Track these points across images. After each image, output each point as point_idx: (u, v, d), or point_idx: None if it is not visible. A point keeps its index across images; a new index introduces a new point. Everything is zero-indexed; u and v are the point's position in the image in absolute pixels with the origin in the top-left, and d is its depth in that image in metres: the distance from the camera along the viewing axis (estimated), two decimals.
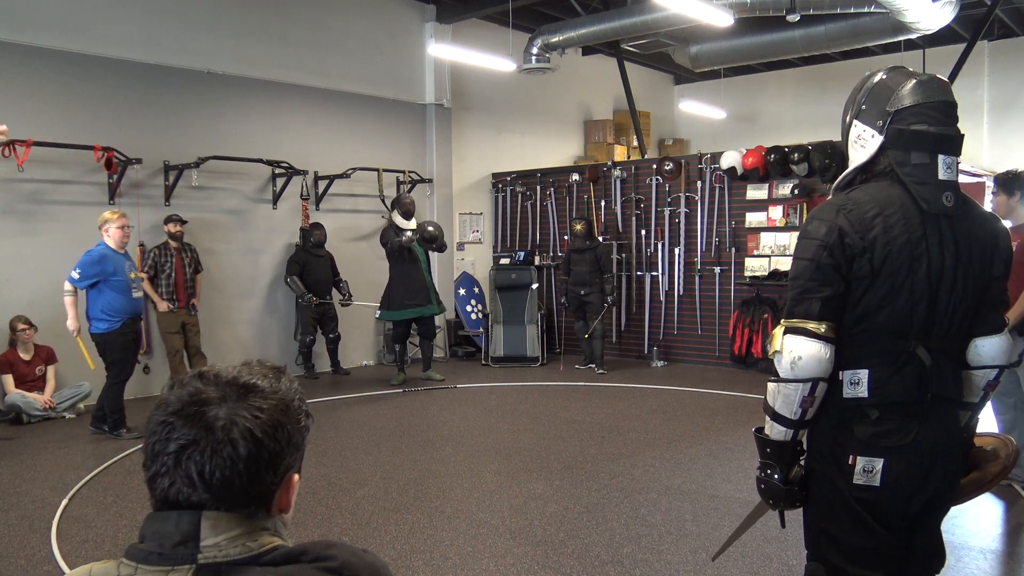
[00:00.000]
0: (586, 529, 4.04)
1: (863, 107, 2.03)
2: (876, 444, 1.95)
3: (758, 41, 10.36)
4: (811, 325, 1.95)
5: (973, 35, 9.64)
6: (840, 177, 2.10)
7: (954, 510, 4.22)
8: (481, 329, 9.84)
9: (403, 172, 9.67)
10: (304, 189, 8.77)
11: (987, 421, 4.33)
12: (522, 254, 10.24)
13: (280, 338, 8.78)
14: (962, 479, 2.11)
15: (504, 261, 10.18)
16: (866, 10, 8.41)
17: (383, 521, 4.21)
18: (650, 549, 3.75)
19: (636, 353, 9.75)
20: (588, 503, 4.44)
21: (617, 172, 9.86)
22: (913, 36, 9.15)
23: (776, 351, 2.00)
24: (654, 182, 9.54)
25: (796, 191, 8.43)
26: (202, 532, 1.03)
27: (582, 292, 8.76)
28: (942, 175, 1.94)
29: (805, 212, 8.35)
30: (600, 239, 9.43)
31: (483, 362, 9.55)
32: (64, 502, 4.49)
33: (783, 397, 1.98)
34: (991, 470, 2.12)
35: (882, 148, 1.99)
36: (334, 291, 8.71)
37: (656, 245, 9.54)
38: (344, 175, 8.98)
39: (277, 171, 8.55)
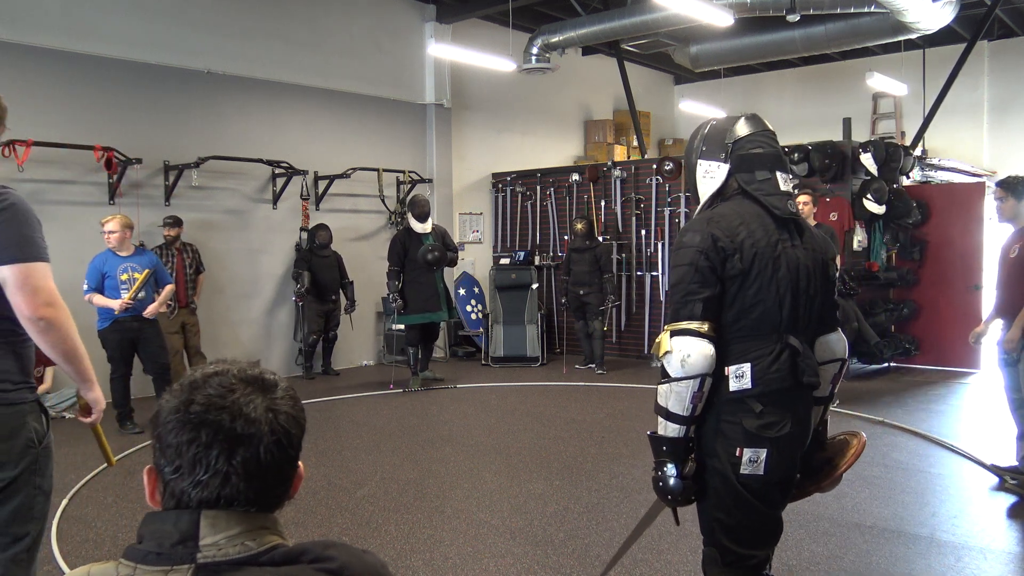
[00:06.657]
0: (586, 529, 4.04)
1: (703, 149, 2.40)
2: (761, 435, 2.16)
3: (758, 41, 10.35)
4: (695, 325, 2.18)
5: (973, 35, 9.63)
6: (699, 207, 2.41)
7: (954, 510, 4.25)
8: (481, 329, 9.84)
9: (403, 172, 9.67)
10: (304, 189, 8.77)
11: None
12: (522, 254, 10.23)
13: (280, 338, 8.78)
14: (822, 471, 2.41)
15: (504, 261, 10.17)
16: (866, 10, 8.40)
17: (383, 521, 4.21)
18: (650, 549, 3.75)
19: (636, 353, 9.74)
20: (588, 503, 4.44)
21: (617, 172, 9.86)
22: (913, 36, 9.15)
23: (666, 351, 2.20)
24: (654, 182, 9.54)
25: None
26: (201, 531, 1.03)
27: (582, 292, 8.75)
28: (782, 187, 2.30)
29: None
30: (600, 239, 9.43)
31: (483, 362, 9.55)
32: (64, 502, 4.48)
33: (675, 395, 2.19)
34: (846, 458, 2.40)
35: (730, 173, 2.33)
36: (341, 293, 8.71)
37: (656, 245, 9.54)
38: (344, 175, 8.97)
39: (277, 171, 8.55)
